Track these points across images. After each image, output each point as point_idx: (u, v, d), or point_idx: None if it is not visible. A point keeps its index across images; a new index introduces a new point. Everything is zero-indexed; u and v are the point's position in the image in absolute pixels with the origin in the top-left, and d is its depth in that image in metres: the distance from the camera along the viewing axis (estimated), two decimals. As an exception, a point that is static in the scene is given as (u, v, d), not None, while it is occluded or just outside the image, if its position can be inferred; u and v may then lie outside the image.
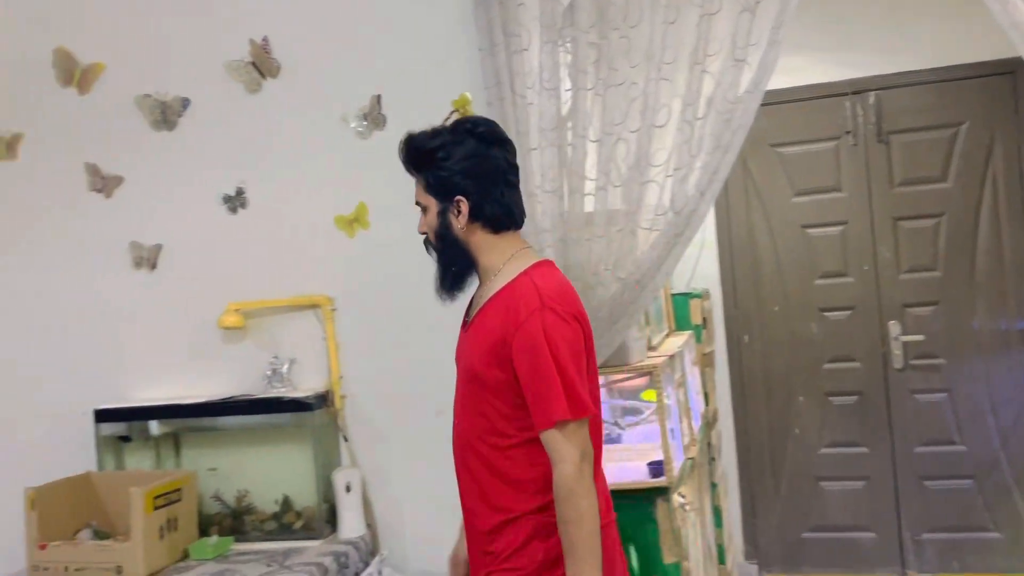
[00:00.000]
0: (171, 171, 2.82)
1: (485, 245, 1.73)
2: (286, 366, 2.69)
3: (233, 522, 2.66)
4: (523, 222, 1.79)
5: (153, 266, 2.84)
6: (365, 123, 2.67)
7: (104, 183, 2.87)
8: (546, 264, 1.75)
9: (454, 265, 1.77)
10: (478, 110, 2.56)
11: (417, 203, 1.78)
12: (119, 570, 2.35)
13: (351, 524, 2.58)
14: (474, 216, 1.71)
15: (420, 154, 1.74)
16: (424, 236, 1.79)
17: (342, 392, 2.69)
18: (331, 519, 2.61)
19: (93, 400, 2.75)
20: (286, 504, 2.67)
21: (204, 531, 2.61)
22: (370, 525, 2.65)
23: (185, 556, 2.50)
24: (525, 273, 1.68)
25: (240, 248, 2.77)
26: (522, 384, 1.61)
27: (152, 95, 2.82)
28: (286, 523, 2.63)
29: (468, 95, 2.58)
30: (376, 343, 2.69)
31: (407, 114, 2.63)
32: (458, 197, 1.71)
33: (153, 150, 2.83)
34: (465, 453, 1.73)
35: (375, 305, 2.68)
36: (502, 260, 1.72)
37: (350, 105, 2.68)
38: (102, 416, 2.71)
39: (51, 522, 2.46)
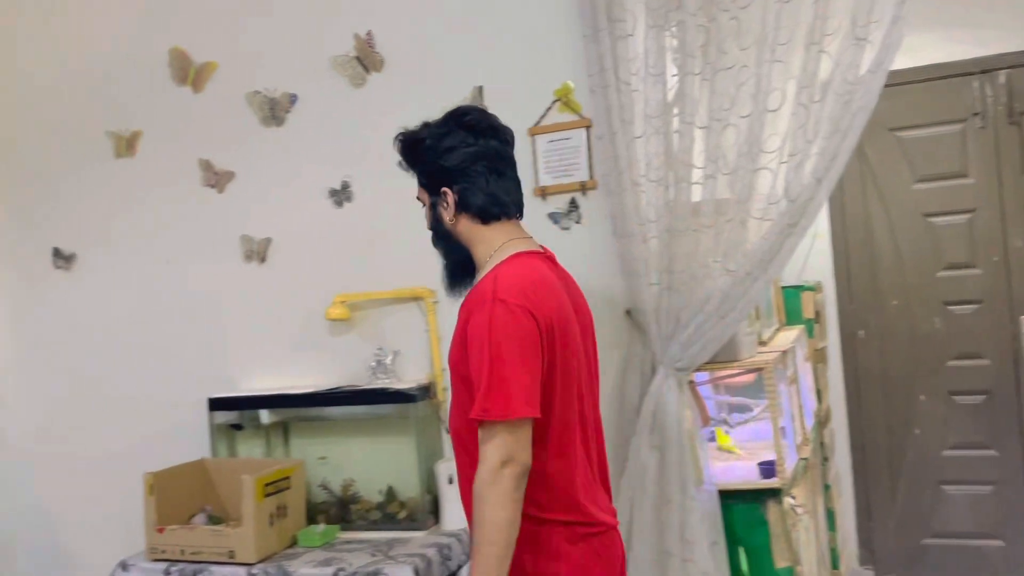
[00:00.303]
0: (280, 166, 2.88)
1: (476, 237, 1.66)
2: (390, 357, 2.72)
3: (339, 511, 2.70)
4: (516, 212, 1.69)
5: (263, 259, 2.91)
6: (474, 114, 2.66)
7: (216, 178, 2.97)
8: (526, 255, 1.63)
9: (447, 259, 1.73)
10: (581, 98, 2.51)
11: (418, 199, 1.75)
12: (231, 555, 2.42)
13: (454, 516, 2.58)
14: (461, 207, 1.65)
15: (409, 148, 1.71)
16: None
17: (444, 384, 2.69)
18: (434, 510, 2.62)
19: (207, 389, 2.85)
20: (390, 494, 2.69)
21: (311, 519, 2.66)
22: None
23: (294, 543, 2.55)
24: (497, 265, 1.60)
25: (346, 241, 2.81)
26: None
27: (262, 92, 2.89)
28: (390, 513, 2.65)
29: (570, 83, 2.53)
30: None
31: (509, 105, 2.60)
32: (444, 189, 1.66)
33: (263, 145, 2.90)
34: (456, 448, 1.67)
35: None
36: (490, 252, 1.65)
37: (452, 97, 2.65)
38: (215, 405, 2.81)
39: (168, 506, 2.56)
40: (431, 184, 1.69)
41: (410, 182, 2.71)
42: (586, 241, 2.54)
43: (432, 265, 2.66)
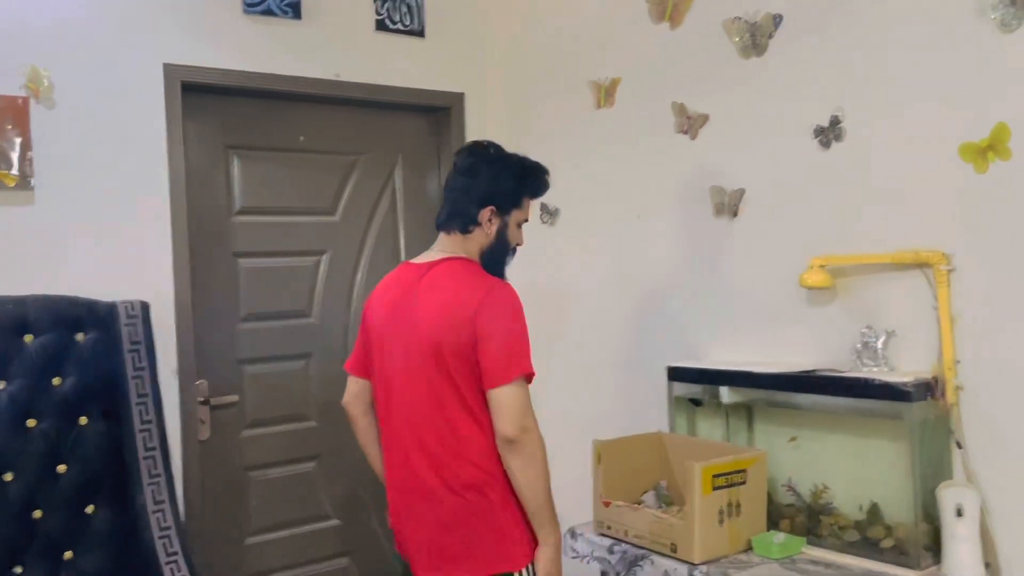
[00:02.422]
0: (758, 103, 2.45)
1: None
2: (881, 340, 2.12)
3: (807, 520, 2.22)
4: (441, 227, 2.09)
5: (735, 213, 2.53)
6: (1012, 8, 1.89)
7: (689, 123, 2.65)
8: (404, 264, 2.14)
9: None
10: None
11: None
12: (673, 548, 2.13)
13: (962, 559, 1.91)
14: None
15: None
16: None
17: (957, 382, 2.01)
18: (933, 547, 1.98)
19: (667, 356, 2.60)
20: (873, 513, 2.12)
21: (772, 523, 2.24)
22: (990, 565, 1.94)
23: (748, 548, 2.16)
24: None
25: (831, 190, 2.27)
26: None
27: (742, 17, 2.48)
28: (871, 537, 2.08)
29: None
30: (1014, 319, 1.93)
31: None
32: None
33: (740, 81, 2.50)
34: None
35: (1013, 266, 1.92)
36: None
37: (995, -14, 1.93)
38: (675, 374, 2.52)
39: (619, 477, 2.37)
40: None
41: (919, 111, 2.07)
42: None
43: (946, 220, 2.02)
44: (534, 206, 3.26)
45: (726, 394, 2.39)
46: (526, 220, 2.13)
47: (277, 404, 3.07)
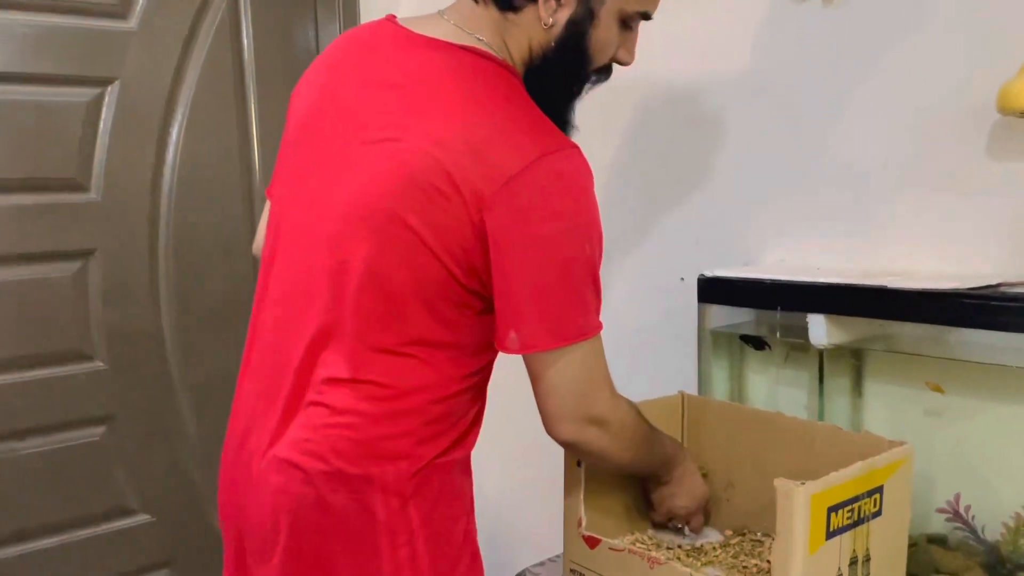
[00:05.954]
0: None
1: None
2: None
3: (992, 573, 1.15)
4: None
5: (835, -10, 1.35)
6: None
7: None
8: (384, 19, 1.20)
9: None
10: None
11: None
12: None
13: None
14: None
15: None
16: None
17: None
18: None
19: (697, 261, 1.45)
20: None
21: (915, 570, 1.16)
22: None
23: (879, 635, 1.08)
24: None
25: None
26: None
27: None
28: None
29: None
30: None
31: None
32: None
33: None
34: None
35: None
36: None
37: None
38: (710, 292, 1.39)
39: (609, 485, 1.27)
40: None
41: None
42: None
43: None
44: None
45: (820, 329, 1.26)
46: (645, 16, 1.09)
47: (31, 335, 1.86)
